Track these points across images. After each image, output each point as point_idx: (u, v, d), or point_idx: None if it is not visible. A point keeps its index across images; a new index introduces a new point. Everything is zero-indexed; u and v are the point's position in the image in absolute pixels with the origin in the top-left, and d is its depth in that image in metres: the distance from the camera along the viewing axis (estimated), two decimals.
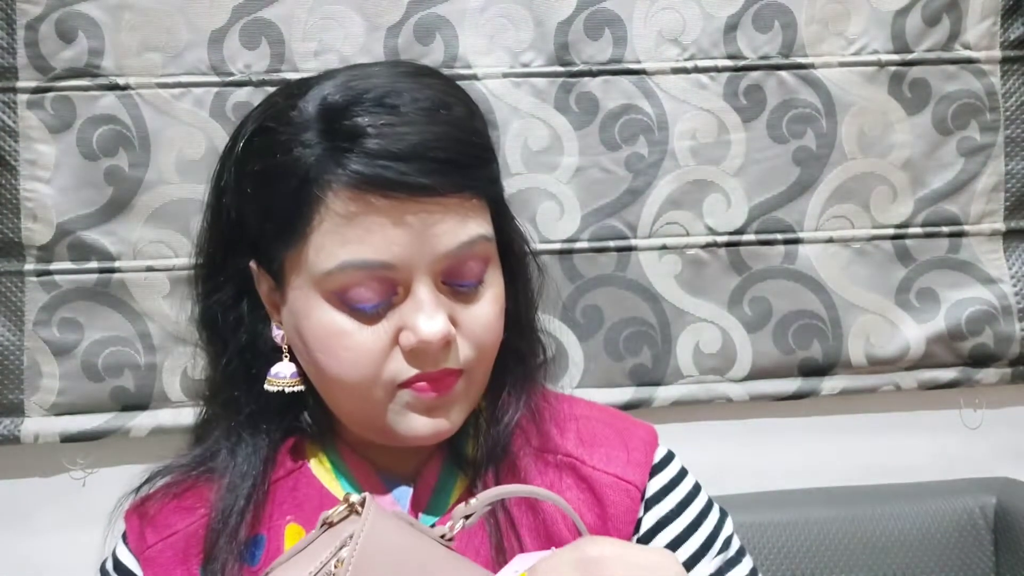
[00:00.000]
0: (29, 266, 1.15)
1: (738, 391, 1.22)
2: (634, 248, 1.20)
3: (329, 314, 0.61)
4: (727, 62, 1.20)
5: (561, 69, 1.19)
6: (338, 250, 0.60)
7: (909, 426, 1.27)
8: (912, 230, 1.23)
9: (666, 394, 1.21)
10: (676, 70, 1.19)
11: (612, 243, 1.20)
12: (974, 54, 1.22)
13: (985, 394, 1.27)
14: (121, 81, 1.14)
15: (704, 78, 1.20)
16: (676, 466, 0.75)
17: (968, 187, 1.23)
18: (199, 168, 1.14)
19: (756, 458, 1.25)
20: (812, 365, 1.23)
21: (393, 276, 0.60)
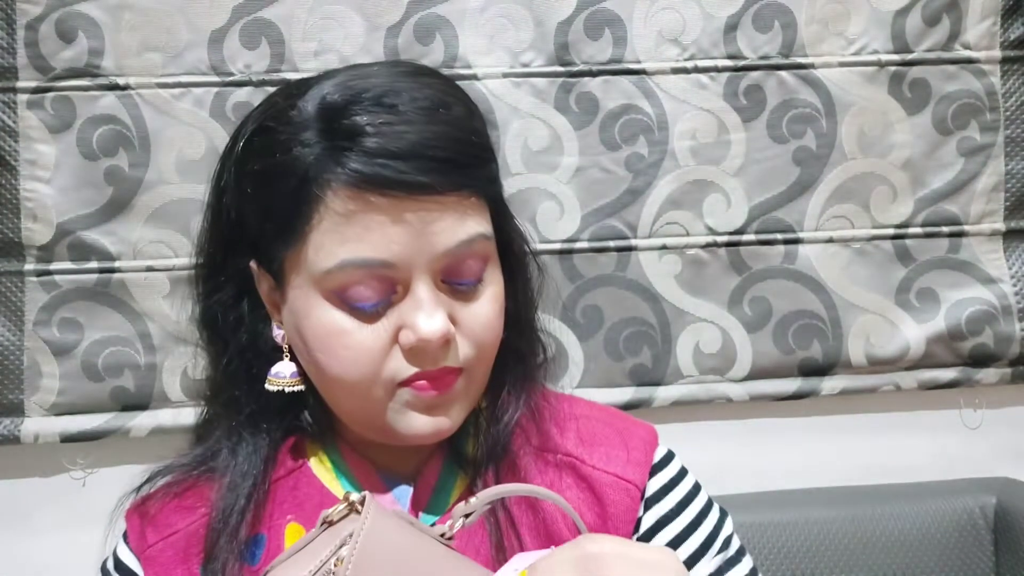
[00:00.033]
0: (29, 266, 1.15)
1: (738, 391, 1.22)
2: (634, 248, 1.20)
3: (329, 313, 0.62)
4: (727, 62, 1.20)
5: (561, 69, 1.19)
6: (337, 249, 0.60)
7: (909, 426, 1.27)
8: (912, 230, 1.23)
9: (666, 394, 1.21)
10: (676, 70, 1.19)
11: (612, 243, 1.20)
12: (974, 54, 1.22)
13: (985, 394, 1.27)
14: (121, 81, 1.14)
15: (704, 78, 1.20)
16: (676, 466, 0.75)
17: (968, 187, 1.23)
18: (199, 168, 1.14)
19: (756, 458, 1.25)
20: (812, 365, 1.23)
21: (392, 275, 0.60)
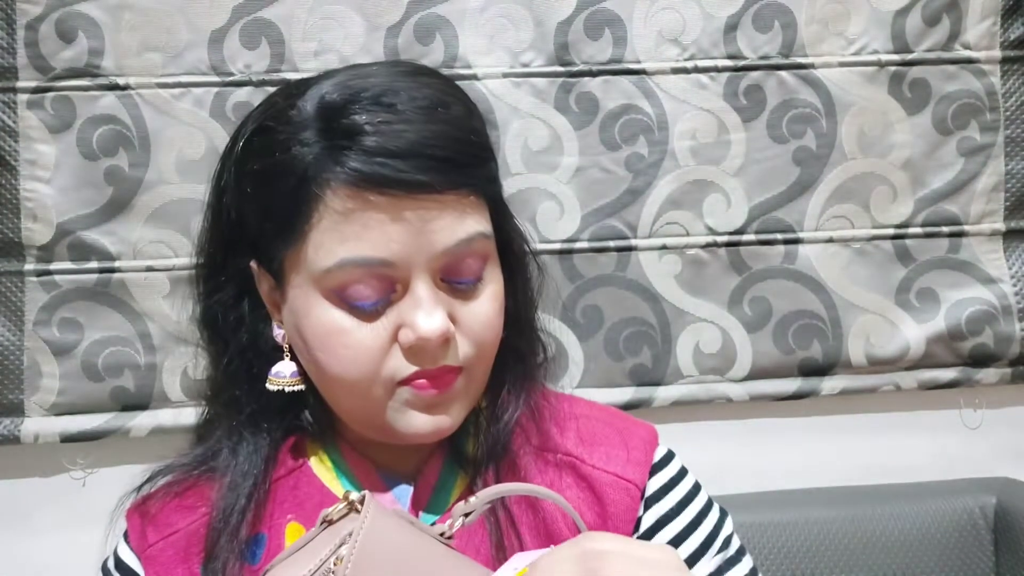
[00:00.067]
0: (29, 266, 1.15)
1: (738, 391, 1.22)
2: (634, 248, 1.20)
3: (328, 312, 0.62)
4: (727, 62, 1.20)
5: (561, 69, 1.19)
6: (337, 247, 0.60)
7: (909, 426, 1.27)
8: (912, 230, 1.23)
9: (666, 394, 1.21)
10: (676, 70, 1.19)
11: (612, 243, 1.20)
12: (974, 54, 1.22)
13: (985, 394, 1.27)
14: (121, 81, 1.14)
15: (704, 78, 1.20)
16: (676, 465, 0.75)
17: (968, 187, 1.23)
18: (199, 168, 1.14)
19: (756, 458, 1.25)
20: (812, 365, 1.23)
21: (392, 273, 0.61)
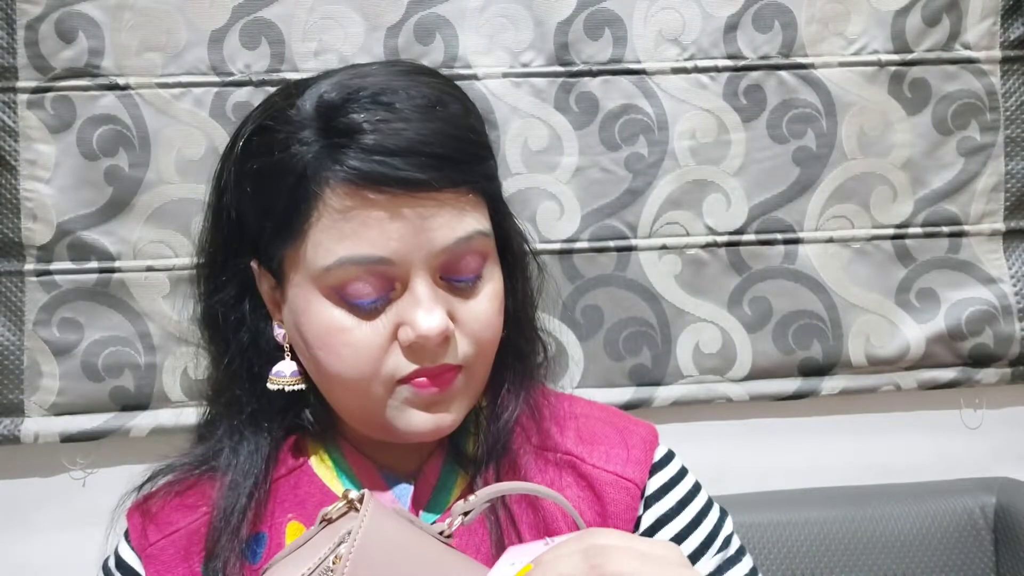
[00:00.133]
0: (29, 266, 1.15)
1: (738, 391, 1.22)
2: (634, 248, 1.20)
3: (328, 310, 0.62)
4: (727, 62, 1.20)
5: (561, 69, 1.19)
6: (336, 246, 0.60)
7: (909, 426, 1.27)
8: (912, 230, 1.23)
9: (666, 394, 1.21)
10: (676, 70, 1.19)
11: (612, 243, 1.20)
12: (974, 54, 1.22)
13: (985, 394, 1.28)
14: (121, 81, 1.14)
15: (704, 78, 1.20)
16: (676, 465, 0.75)
17: (968, 187, 1.23)
18: (199, 168, 1.14)
19: (756, 458, 1.25)
20: (812, 365, 1.23)
21: (391, 271, 0.61)
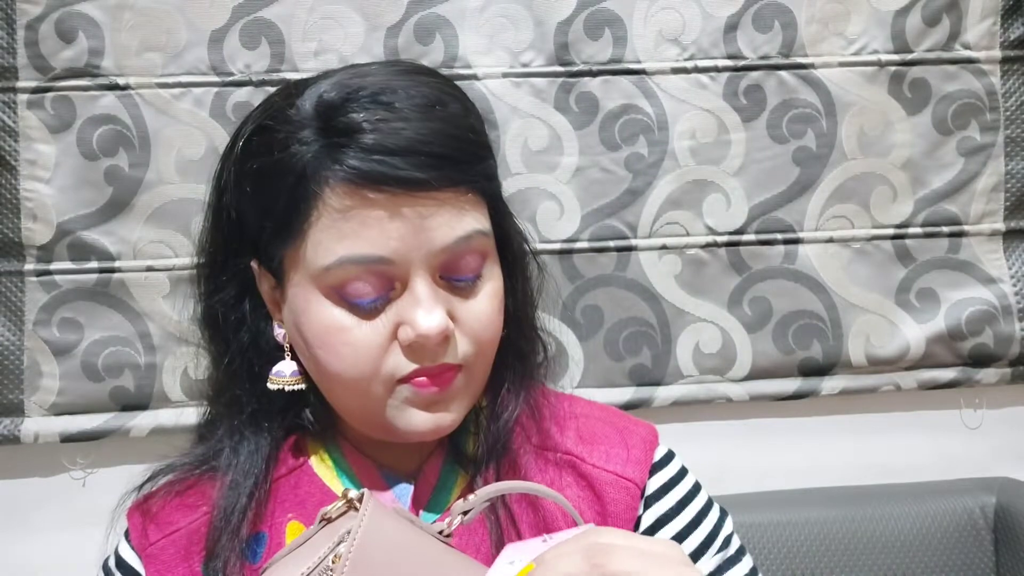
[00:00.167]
0: (29, 266, 1.15)
1: (738, 391, 1.22)
2: (634, 248, 1.20)
3: (328, 310, 0.62)
4: (727, 62, 1.20)
5: (561, 69, 1.19)
6: (335, 245, 0.60)
7: (909, 426, 1.27)
8: (912, 230, 1.23)
9: (666, 394, 1.21)
10: (676, 70, 1.20)
11: (612, 243, 1.20)
12: (974, 54, 1.22)
13: (985, 394, 1.28)
14: (121, 81, 1.14)
15: (704, 78, 1.20)
16: (676, 465, 0.75)
17: (968, 187, 1.23)
18: (199, 168, 1.14)
19: (756, 458, 1.25)
20: (812, 365, 1.23)
21: (390, 271, 0.61)
